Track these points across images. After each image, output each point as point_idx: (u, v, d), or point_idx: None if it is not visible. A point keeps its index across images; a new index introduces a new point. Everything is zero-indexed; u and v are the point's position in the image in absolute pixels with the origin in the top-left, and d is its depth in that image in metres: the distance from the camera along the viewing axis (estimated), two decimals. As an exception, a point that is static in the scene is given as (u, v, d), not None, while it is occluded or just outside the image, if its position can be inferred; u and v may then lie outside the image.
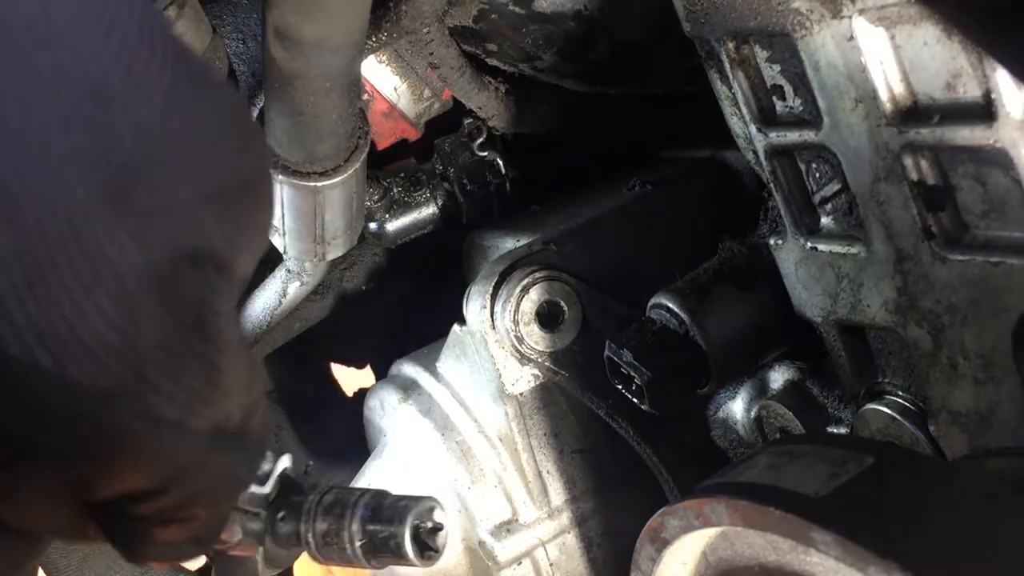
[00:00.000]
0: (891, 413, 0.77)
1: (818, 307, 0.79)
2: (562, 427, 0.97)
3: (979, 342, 0.67)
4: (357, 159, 0.91)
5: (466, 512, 0.98)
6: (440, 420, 1.01)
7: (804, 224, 0.77)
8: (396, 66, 1.08)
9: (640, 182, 1.03)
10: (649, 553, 0.64)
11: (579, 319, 0.94)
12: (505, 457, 0.97)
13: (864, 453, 0.57)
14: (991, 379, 0.67)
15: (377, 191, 1.10)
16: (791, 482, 0.56)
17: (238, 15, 1.03)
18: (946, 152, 0.62)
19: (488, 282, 0.94)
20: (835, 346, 0.80)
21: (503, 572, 0.96)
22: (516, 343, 0.93)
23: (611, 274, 0.97)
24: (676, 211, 1.01)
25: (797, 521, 0.52)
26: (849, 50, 0.62)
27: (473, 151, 1.13)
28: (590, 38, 0.96)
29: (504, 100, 1.07)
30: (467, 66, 1.03)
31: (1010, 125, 0.56)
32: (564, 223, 1.00)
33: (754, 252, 0.88)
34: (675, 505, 0.61)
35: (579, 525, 0.98)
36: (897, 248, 0.69)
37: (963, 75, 0.58)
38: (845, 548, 0.50)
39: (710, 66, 0.75)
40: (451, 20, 0.99)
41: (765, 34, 0.69)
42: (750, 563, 0.60)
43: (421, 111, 1.12)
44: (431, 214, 1.13)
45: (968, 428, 0.71)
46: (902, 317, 0.71)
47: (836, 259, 0.75)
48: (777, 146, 0.74)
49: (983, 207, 0.62)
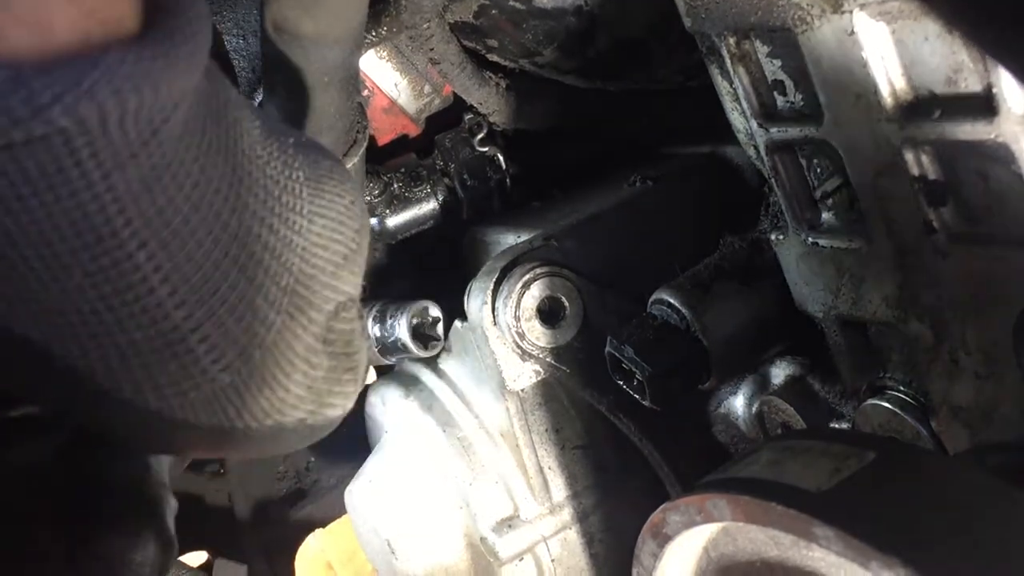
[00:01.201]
0: (892, 408, 0.76)
1: (819, 302, 0.79)
2: (563, 423, 0.97)
3: (980, 337, 0.67)
4: (355, 153, 0.91)
5: (467, 508, 0.98)
6: (441, 416, 1.01)
7: (805, 219, 0.77)
8: (396, 62, 1.08)
9: (641, 178, 1.03)
10: (651, 549, 0.64)
11: (580, 315, 0.94)
12: (506, 453, 0.97)
13: (865, 448, 0.57)
14: (992, 374, 0.67)
15: (377, 186, 1.10)
16: (793, 477, 0.56)
17: (238, 11, 1.03)
18: (947, 147, 0.62)
19: (489, 278, 0.94)
20: (836, 341, 0.80)
21: (505, 568, 0.97)
22: (517, 339, 0.93)
23: (612, 270, 0.97)
24: (677, 207, 1.01)
25: (799, 516, 0.52)
26: (850, 45, 0.62)
27: (473, 147, 1.13)
28: (591, 34, 0.95)
29: (504, 96, 1.07)
30: (468, 62, 1.03)
31: (1011, 120, 0.56)
32: (565, 219, 1.00)
33: (755, 248, 0.88)
34: (677, 501, 0.61)
35: (580, 521, 0.98)
36: (898, 243, 0.69)
37: (964, 70, 0.58)
38: (847, 543, 0.50)
39: (711, 61, 0.75)
40: (451, 16, 0.99)
41: (766, 29, 0.68)
42: (752, 558, 0.60)
43: (421, 107, 1.12)
44: (431, 209, 1.13)
45: (969, 423, 0.71)
46: (903, 312, 0.71)
47: (837, 254, 0.75)
48: (778, 141, 0.74)
49: (984, 202, 0.62)
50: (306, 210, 0.50)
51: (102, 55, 0.37)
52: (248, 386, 0.48)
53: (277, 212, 0.48)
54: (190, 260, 0.42)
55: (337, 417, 0.56)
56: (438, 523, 1.00)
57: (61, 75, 0.36)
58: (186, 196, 0.42)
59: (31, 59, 0.36)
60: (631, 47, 0.98)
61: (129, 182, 0.39)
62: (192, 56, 0.40)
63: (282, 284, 0.48)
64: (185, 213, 0.42)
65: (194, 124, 0.42)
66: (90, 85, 0.36)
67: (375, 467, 1.05)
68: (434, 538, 1.01)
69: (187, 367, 0.44)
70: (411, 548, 1.01)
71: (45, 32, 0.37)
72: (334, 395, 0.55)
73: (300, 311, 0.50)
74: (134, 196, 0.39)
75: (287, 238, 0.48)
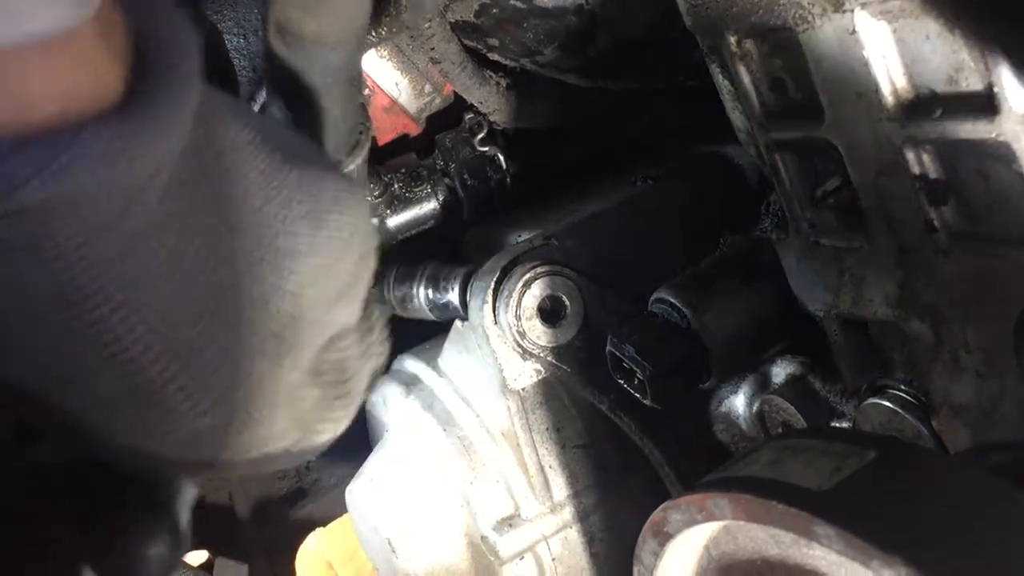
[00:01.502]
0: (893, 407, 0.76)
1: (820, 301, 0.79)
2: (564, 422, 0.97)
3: (981, 336, 0.67)
4: (359, 154, 0.90)
5: (468, 507, 0.98)
6: (442, 415, 1.01)
7: (806, 218, 0.77)
8: (397, 61, 1.08)
9: (641, 177, 1.03)
10: (652, 547, 0.64)
11: (581, 314, 0.94)
12: (507, 452, 0.97)
13: (866, 447, 0.57)
14: (993, 373, 0.67)
15: (378, 186, 1.09)
16: (793, 476, 0.56)
17: (239, 11, 1.03)
18: (948, 146, 0.62)
19: (490, 277, 0.94)
20: (837, 340, 0.80)
21: (506, 567, 0.97)
22: (518, 338, 0.93)
23: (613, 269, 0.97)
24: (677, 206, 1.01)
25: (800, 515, 0.52)
26: (851, 44, 0.62)
27: (474, 146, 1.13)
28: (591, 33, 0.95)
29: (505, 95, 1.07)
30: (468, 61, 1.03)
31: (1013, 119, 0.56)
32: (565, 218, 1.00)
33: (756, 247, 0.88)
34: (678, 499, 0.61)
35: (581, 520, 0.98)
36: (899, 242, 0.69)
37: (965, 69, 0.58)
38: (848, 542, 0.50)
39: (712, 60, 0.75)
40: (452, 15, 0.99)
41: (767, 28, 0.68)
42: (752, 557, 0.60)
43: (422, 106, 1.12)
44: (432, 209, 1.13)
45: (970, 422, 0.71)
46: (904, 311, 0.71)
47: (838, 253, 0.75)
48: (779, 140, 0.74)
49: (985, 201, 0.62)
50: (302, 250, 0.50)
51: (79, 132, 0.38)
52: (228, 427, 0.49)
53: (268, 260, 0.48)
54: (165, 320, 0.44)
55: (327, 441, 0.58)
56: (439, 522, 1.00)
57: (37, 152, 0.37)
58: (162, 260, 0.43)
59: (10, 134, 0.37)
60: (632, 46, 0.98)
61: (103, 251, 0.40)
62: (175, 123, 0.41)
63: (266, 331, 0.49)
64: (161, 276, 0.43)
65: (176, 187, 0.43)
66: (64, 163, 0.37)
67: (376, 466, 1.05)
68: (435, 537, 1.01)
69: (164, 414, 0.46)
70: (412, 547, 1.01)
71: (25, 108, 0.38)
72: (323, 422, 0.56)
73: (286, 352, 0.51)
74: (107, 264, 0.41)
75: (275, 285, 0.49)
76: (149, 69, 0.41)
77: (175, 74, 0.42)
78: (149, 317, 0.43)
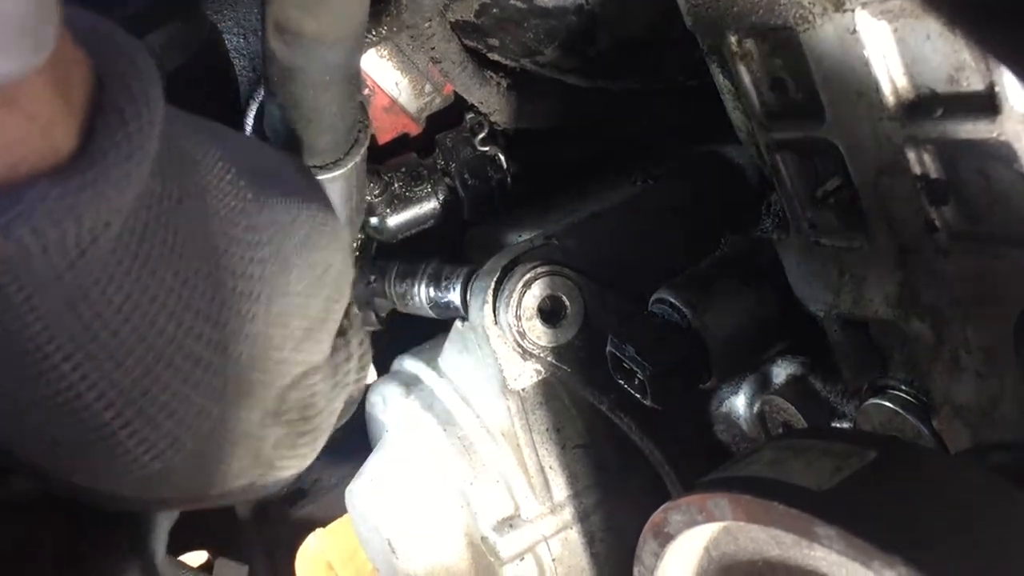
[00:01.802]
0: (894, 407, 0.76)
1: (820, 301, 0.79)
2: (564, 422, 0.97)
3: (981, 336, 0.67)
4: (357, 153, 0.91)
5: (468, 507, 0.98)
6: (442, 415, 1.01)
7: (806, 218, 0.77)
8: (397, 61, 1.08)
9: (641, 177, 1.03)
10: (652, 548, 0.64)
11: (581, 314, 0.94)
12: (507, 452, 0.97)
13: (867, 447, 0.57)
14: (993, 373, 0.67)
15: (378, 186, 1.09)
16: (794, 477, 0.56)
17: (239, 10, 1.03)
18: (949, 146, 0.62)
19: (490, 277, 0.94)
20: (837, 340, 0.80)
21: (506, 568, 0.96)
22: (518, 338, 0.93)
23: (613, 269, 0.96)
24: (678, 206, 1.01)
25: (800, 515, 0.52)
26: (852, 44, 0.62)
27: (474, 146, 1.13)
28: (591, 33, 0.95)
29: (505, 95, 1.07)
30: (469, 61, 1.03)
31: (1013, 118, 0.56)
32: (566, 218, 1.00)
33: (756, 246, 0.88)
34: (678, 500, 0.61)
35: (581, 520, 0.98)
36: (900, 242, 0.69)
37: (966, 68, 0.58)
38: (849, 542, 0.50)
39: (712, 60, 0.75)
40: (452, 15, 0.99)
41: (768, 28, 0.68)
42: (753, 558, 0.60)
43: (422, 106, 1.12)
44: (432, 209, 1.13)
45: (970, 422, 0.71)
46: (904, 311, 0.71)
47: (838, 253, 0.75)
48: (779, 140, 0.74)
49: (986, 201, 0.62)
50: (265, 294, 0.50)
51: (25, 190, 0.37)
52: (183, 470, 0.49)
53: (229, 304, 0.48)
54: (119, 367, 0.44)
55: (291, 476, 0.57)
56: (439, 522, 1.00)
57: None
58: (116, 308, 0.42)
59: None
60: (632, 46, 0.98)
61: (52, 303, 0.40)
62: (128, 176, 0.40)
63: (224, 375, 0.49)
64: (114, 325, 0.43)
65: (129, 237, 0.42)
66: (8, 222, 0.37)
67: (376, 466, 1.05)
68: (435, 537, 1.01)
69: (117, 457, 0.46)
70: (412, 547, 1.01)
71: None
72: (286, 459, 0.56)
73: (246, 394, 0.50)
74: (58, 315, 0.41)
75: (236, 330, 0.48)
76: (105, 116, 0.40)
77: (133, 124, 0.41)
78: (103, 364, 0.43)
